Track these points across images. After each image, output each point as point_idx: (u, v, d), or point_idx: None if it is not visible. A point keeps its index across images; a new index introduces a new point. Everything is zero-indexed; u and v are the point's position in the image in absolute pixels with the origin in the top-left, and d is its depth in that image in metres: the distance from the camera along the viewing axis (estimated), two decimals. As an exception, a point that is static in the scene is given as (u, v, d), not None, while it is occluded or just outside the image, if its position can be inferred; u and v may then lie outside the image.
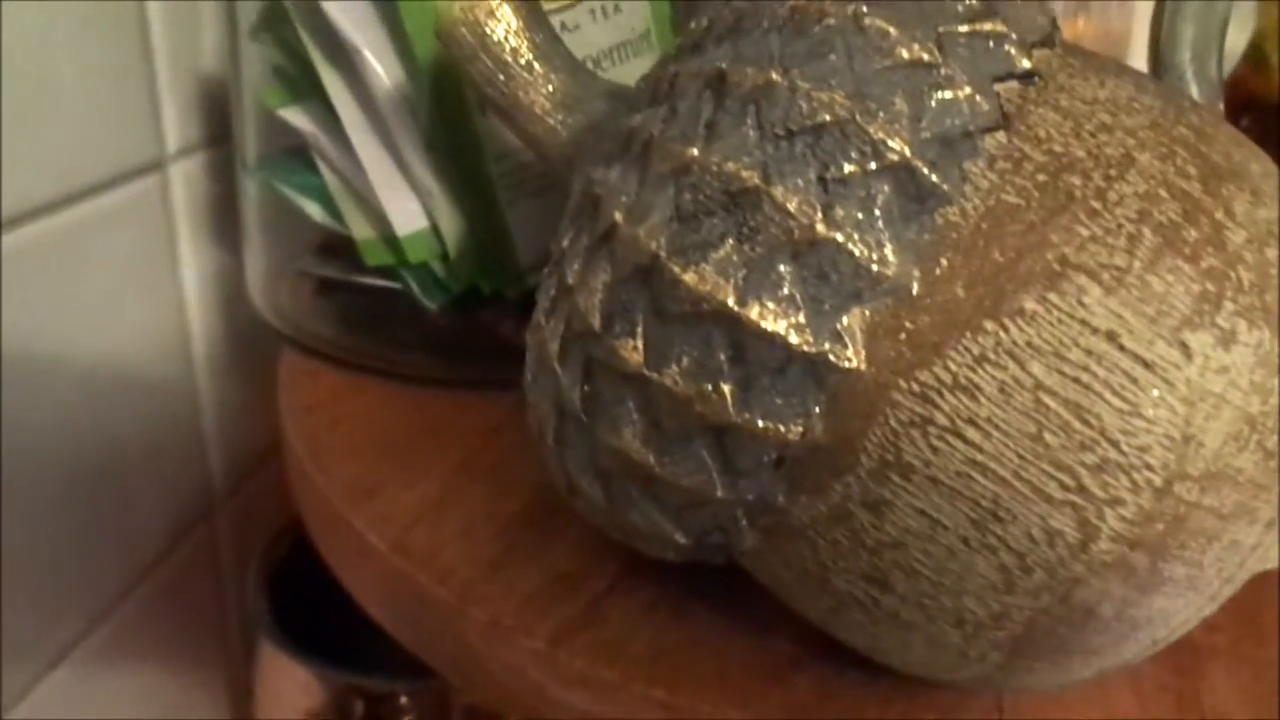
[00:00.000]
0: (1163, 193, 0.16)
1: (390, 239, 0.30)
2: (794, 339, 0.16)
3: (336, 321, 0.33)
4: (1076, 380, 0.16)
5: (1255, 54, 0.28)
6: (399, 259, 0.30)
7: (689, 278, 0.17)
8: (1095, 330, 0.16)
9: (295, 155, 0.32)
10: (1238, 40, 0.28)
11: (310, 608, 0.39)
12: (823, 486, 0.17)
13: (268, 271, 0.34)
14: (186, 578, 0.43)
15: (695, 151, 0.17)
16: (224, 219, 0.39)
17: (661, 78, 0.19)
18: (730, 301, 0.16)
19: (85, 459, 0.36)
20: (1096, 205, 0.16)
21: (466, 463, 0.28)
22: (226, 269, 0.40)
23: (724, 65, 0.17)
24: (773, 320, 0.16)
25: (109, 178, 0.34)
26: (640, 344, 0.17)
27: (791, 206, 0.16)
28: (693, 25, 0.20)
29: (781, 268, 0.16)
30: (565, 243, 0.20)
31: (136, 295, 0.37)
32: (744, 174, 0.16)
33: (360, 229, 0.30)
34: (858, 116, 0.16)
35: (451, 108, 0.28)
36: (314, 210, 0.32)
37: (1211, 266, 0.16)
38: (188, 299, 0.40)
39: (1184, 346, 0.16)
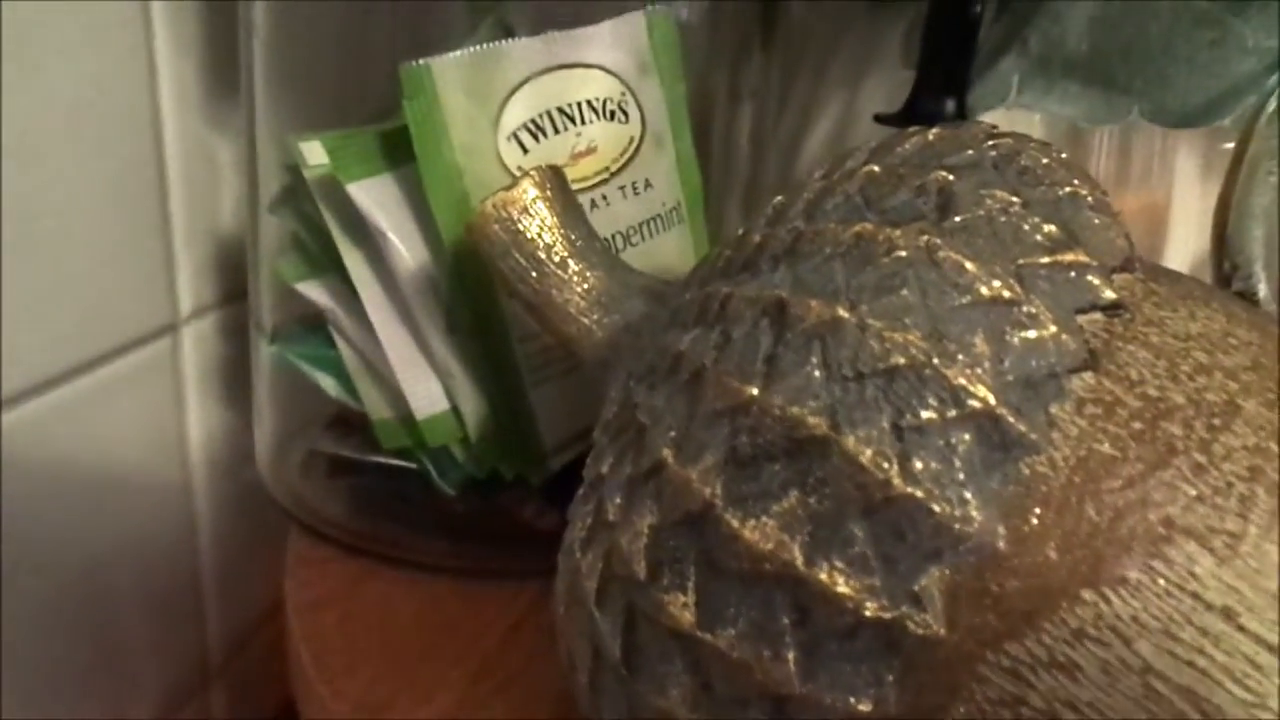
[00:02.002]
0: (1274, 445, 0.15)
1: (408, 420, 0.28)
2: (867, 603, 0.15)
3: (348, 503, 0.31)
4: (1191, 664, 0.14)
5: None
6: (417, 442, 0.28)
7: (749, 533, 0.15)
8: (1210, 606, 0.14)
9: (311, 327, 0.31)
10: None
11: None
12: (896, 764, 0.15)
13: (278, 446, 0.32)
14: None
15: (755, 390, 0.15)
16: (234, 381, 0.38)
17: (711, 296, 0.18)
18: (796, 562, 0.15)
19: (81, 628, 0.34)
20: (1201, 459, 0.15)
21: (485, 670, 0.26)
22: (234, 432, 0.39)
23: (784, 294, 0.16)
24: (844, 583, 0.15)
25: (120, 345, 0.33)
26: (692, 600, 0.16)
27: (864, 459, 0.14)
28: (741, 234, 0.19)
29: (852, 524, 0.15)
30: (605, 467, 0.18)
31: (140, 460, 0.36)
32: (810, 419, 0.15)
33: (377, 409, 0.29)
34: (935, 359, 0.15)
35: (476, 289, 0.27)
36: (329, 385, 0.31)
37: (1336, 533, 0.14)
38: (193, 464, 0.38)
39: (1313, 627, 0.14)
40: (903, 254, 0.15)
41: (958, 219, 0.16)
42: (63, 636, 0.33)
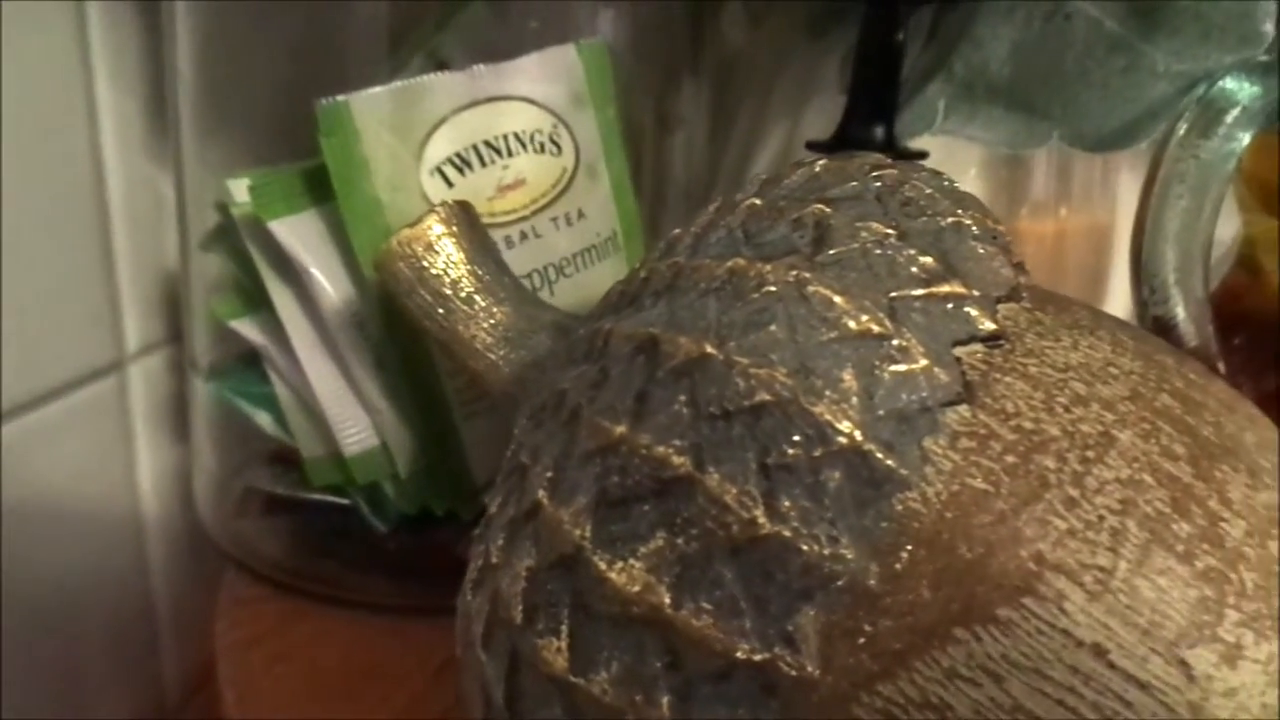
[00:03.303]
0: (1148, 478, 0.15)
1: (339, 457, 0.28)
2: (739, 645, 0.14)
3: (284, 541, 0.31)
4: (1061, 703, 0.14)
5: (1249, 264, 0.26)
6: (347, 479, 0.28)
7: (616, 575, 0.15)
8: (1080, 643, 0.14)
9: (248, 364, 0.31)
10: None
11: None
12: (777, 808, 0.15)
13: (215, 484, 0.32)
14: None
15: (623, 429, 0.15)
16: (183, 417, 0.38)
17: (597, 332, 0.17)
18: (664, 604, 0.14)
19: (35, 668, 0.34)
20: (1074, 493, 0.14)
21: (412, 709, 0.25)
22: (185, 469, 0.39)
23: (657, 331, 0.16)
24: (713, 625, 0.14)
25: (66, 383, 0.33)
26: (565, 644, 0.15)
27: (729, 498, 0.14)
28: (637, 268, 0.19)
29: (720, 565, 0.14)
30: (494, 507, 0.18)
31: (90, 498, 0.35)
32: (675, 459, 0.15)
33: (309, 446, 0.29)
34: (801, 395, 0.14)
35: (402, 324, 0.27)
36: (265, 422, 0.30)
37: (1209, 567, 0.14)
38: (144, 502, 0.38)
39: (1183, 664, 0.14)
40: (772, 289, 0.15)
41: (831, 252, 0.16)
42: (17, 676, 0.32)
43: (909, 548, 0.14)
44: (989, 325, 0.16)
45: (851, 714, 0.14)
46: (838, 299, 0.15)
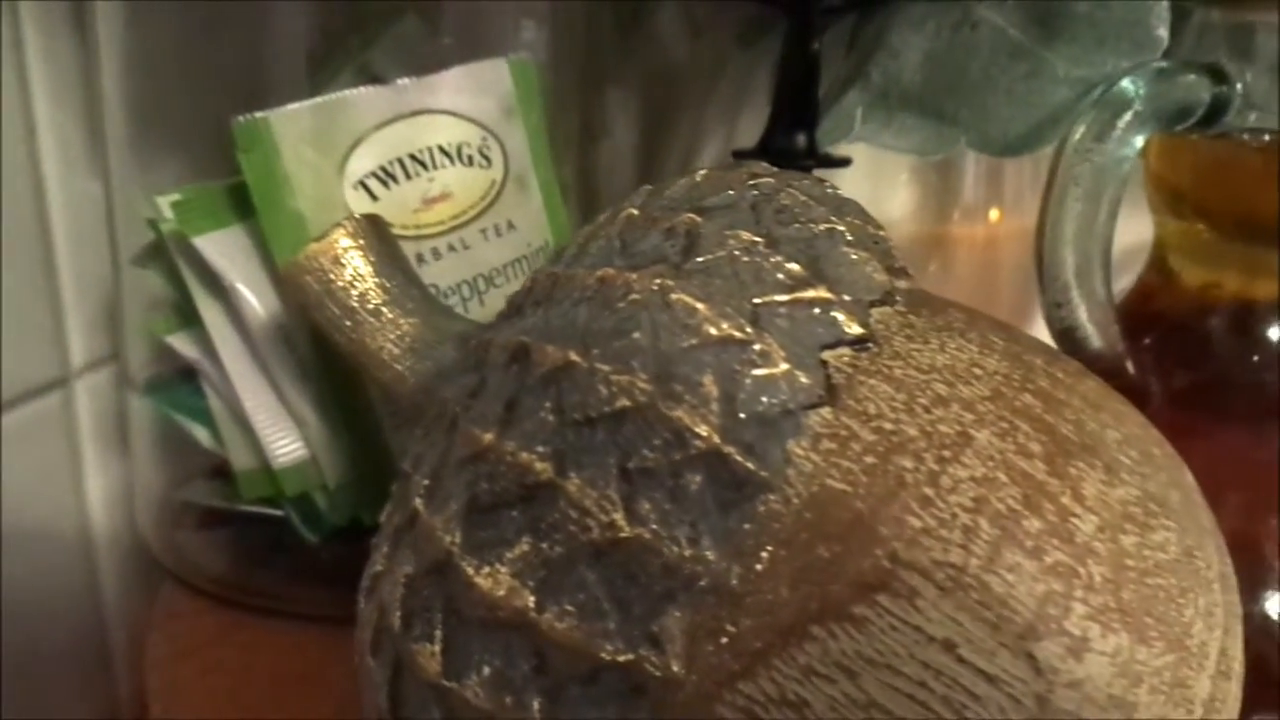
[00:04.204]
0: (1001, 476, 0.15)
1: (269, 470, 0.28)
2: (604, 647, 0.15)
3: (222, 555, 0.31)
4: (912, 698, 0.14)
5: (1159, 265, 0.27)
6: (277, 491, 0.28)
7: (483, 580, 0.15)
8: (931, 639, 0.14)
9: (184, 378, 0.31)
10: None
11: None
12: (651, 807, 0.15)
13: (154, 499, 0.32)
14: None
15: (491, 437, 0.15)
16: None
17: (484, 341, 0.18)
18: (529, 608, 0.15)
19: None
20: (929, 492, 0.15)
21: (340, 718, 0.26)
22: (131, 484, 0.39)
23: (528, 339, 0.16)
24: (577, 627, 0.15)
25: (9, 399, 0.33)
26: (439, 649, 0.16)
27: (589, 503, 0.15)
28: (525, 280, 0.19)
29: (583, 569, 0.15)
30: (383, 517, 0.18)
31: (38, 515, 0.36)
32: (538, 465, 0.15)
33: (240, 459, 0.29)
34: (660, 401, 0.15)
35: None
36: (202, 435, 0.31)
37: (1058, 562, 0.14)
38: (93, 518, 0.38)
39: (1030, 658, 0.14)
40: (637, 297, 0.16)
41: (699, 260, 0.16)
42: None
43: (770, 548, 0.15)
44: (856, 329, 0.16)
45: (715, 713, 0.15)
46: (700, 306, 0.15)
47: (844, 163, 0.30)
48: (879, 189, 0.33)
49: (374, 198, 0.28)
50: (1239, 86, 0.23)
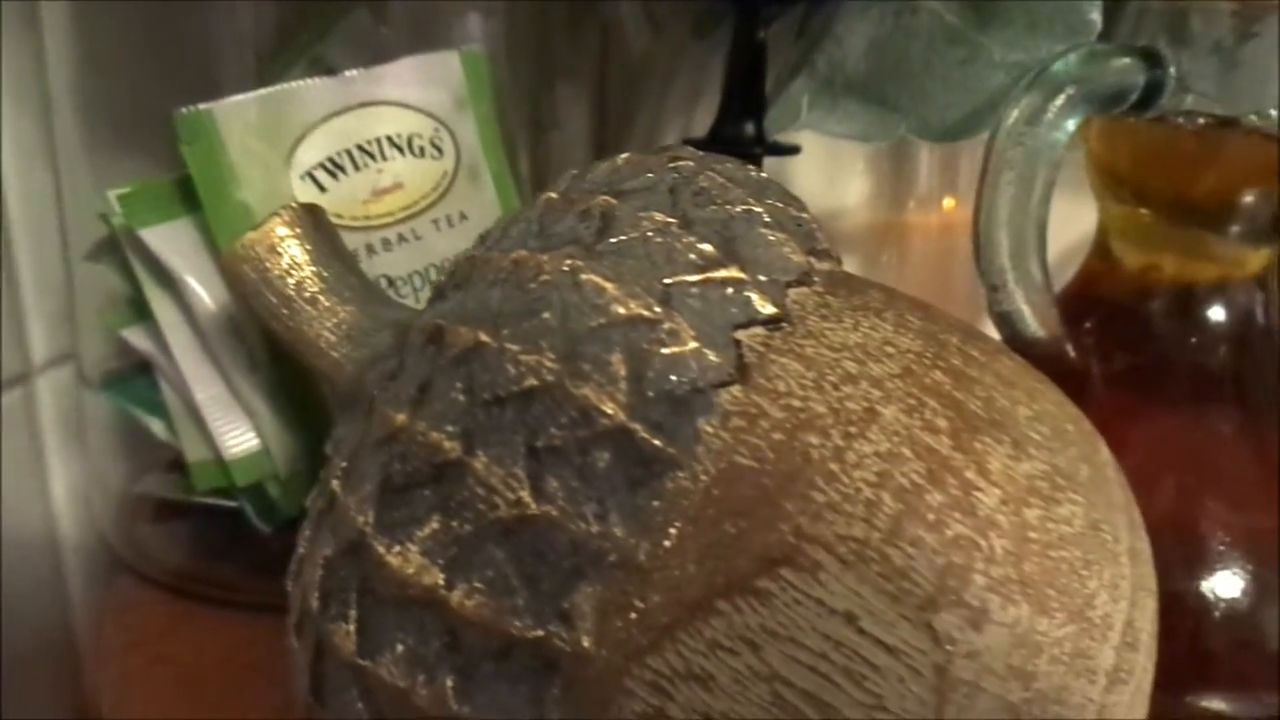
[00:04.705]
0: (906, 451, 0.15)
1: (222, 461, 0.28)
2: (513, 623, 0.15)
3: (178, 547, 0.31)
4: (814, 669, 0.14)
5: (1102, 250, 0.27)
6: (230, 481, 0.28)
7: (394, 559, 0.15)
8: (833, 612, 0.14)
9: (141, 371, 0.31)
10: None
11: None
12: (567, 782, 0.15)
13: (112, 493, 0.32)
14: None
15: (404, 417, 0.16)
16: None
17: (407, 327, 0.18)
18: (439, 586, 0.15)
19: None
20: (834, 468, 0.15)
21: (288, 707, 0.26)
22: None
23: (443, 321, 0.16)
24: (487, 604, 0.15)
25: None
26: (353, 628, 0.16)
27: (495, 480, 0.15)
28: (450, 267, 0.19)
29: (491, 546, 0.15)
30: (309, 500, 0.18)
31: (2, 510, 0.36)
32: (446, 444, 0.15)
33: (194, 451, 0.29)
34: (567, 380, 0.15)
35: (278, 328, 0.27)
36: (158, 428, 0.31)
37: (959, 535, 0.15)
38: (57, 514, 0.38)
39: (929, 629, 0.14)
40: (548, 278, 0.16)
41: (612, 241, 0.16)
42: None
43: (678, 524, 0.15)
44: (770, 309, 0.16)
45: (625, 687, 0.15)
46: (609, 286, 0.16)
47: (793, 150, 0.30)
48: (834, 178, 0.33)
49: (322, 189, 0.28)
50: (1172, 70, 0.23)
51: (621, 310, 0.15)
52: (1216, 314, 0.25)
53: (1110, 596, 0.15)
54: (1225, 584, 0.24)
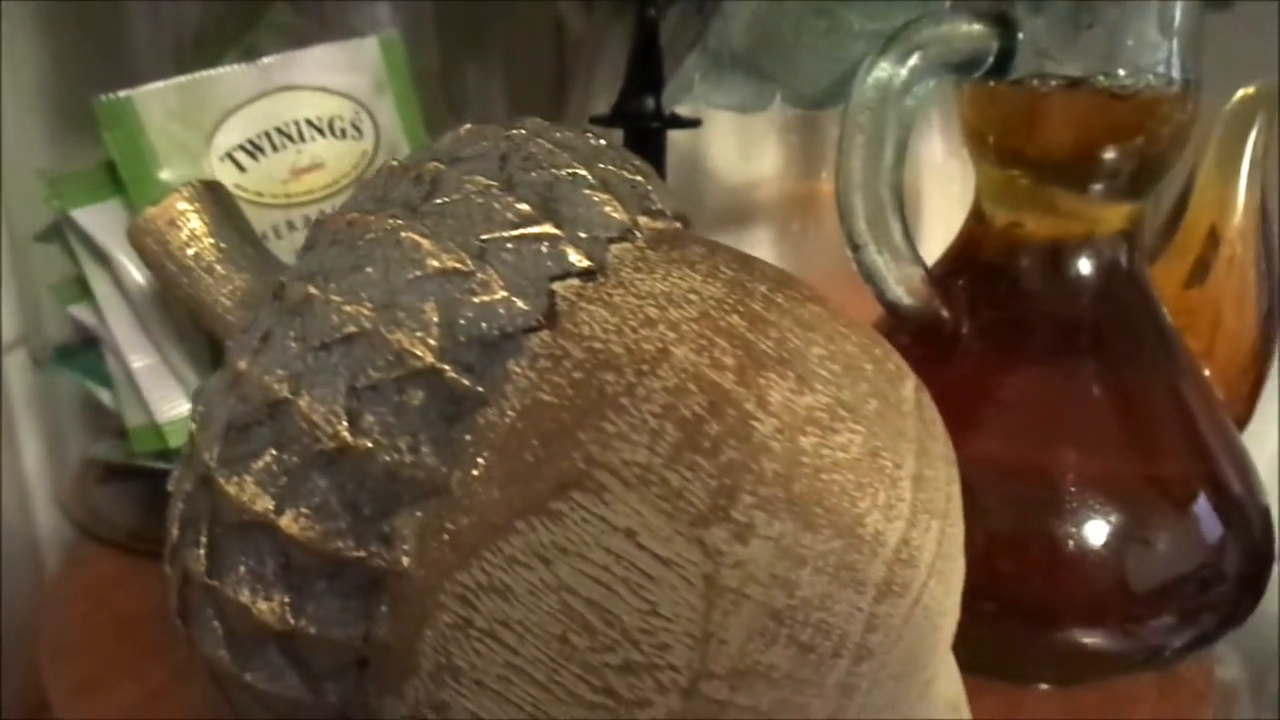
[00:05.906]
0: (691, 386, 0.17)
1: (156, 425, 0.30)
2: (337, 544, 0.17)
3: (128, 508, 0.33)
4: (597, 580, 0.16)
5: (977, 211, 0.28)
6: (163, 443, 0.30)
7: (232, 489, 0.17)
8: (615, 529, 0.16)
9: (91, 345, 0.33)
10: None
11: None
12: (398, 689, 0.17)
13: (71, 461, 0.34)
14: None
15: (244, 364, 0.17)
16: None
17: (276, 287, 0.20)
18: (269, 511, 0.17)
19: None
20: (625, 402, 0.16)
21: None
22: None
23: (285, 278, 0.18)
24: (312, 527, 0.17)
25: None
26: (204, 553, 0.17)
27: (317, 416, 0.16)
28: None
29: (316, 476, 0.17)
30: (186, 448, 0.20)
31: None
32: (276, 385, 0.17)
33: (134, 416, 0.31)
34: (382, 326, 0.17)
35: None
36: (105, 397, 0.33)
37: (731, 460, 0.16)
38: (30, 490, 0.40)
39: (699, 542, 0.16)
40: (373, 236, 0.17)
41: (436, 202, 0.18)
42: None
43: (485, 455, 0.17)
44: (585, 262, 0.18)
45: (438, 601, 0.16)
46: (425, 242, 0.17)
47: (693, 123, 0.32)
48: (747, 149, 0.35)
49: (242, 169, 0.30)
50: (1021, 35, 0.25)
51: (435, 264, 0.17)
52: (1082, 268, 0.27)
53: (884, 516, 0.17)
54: (1085, 525, 0.25)
